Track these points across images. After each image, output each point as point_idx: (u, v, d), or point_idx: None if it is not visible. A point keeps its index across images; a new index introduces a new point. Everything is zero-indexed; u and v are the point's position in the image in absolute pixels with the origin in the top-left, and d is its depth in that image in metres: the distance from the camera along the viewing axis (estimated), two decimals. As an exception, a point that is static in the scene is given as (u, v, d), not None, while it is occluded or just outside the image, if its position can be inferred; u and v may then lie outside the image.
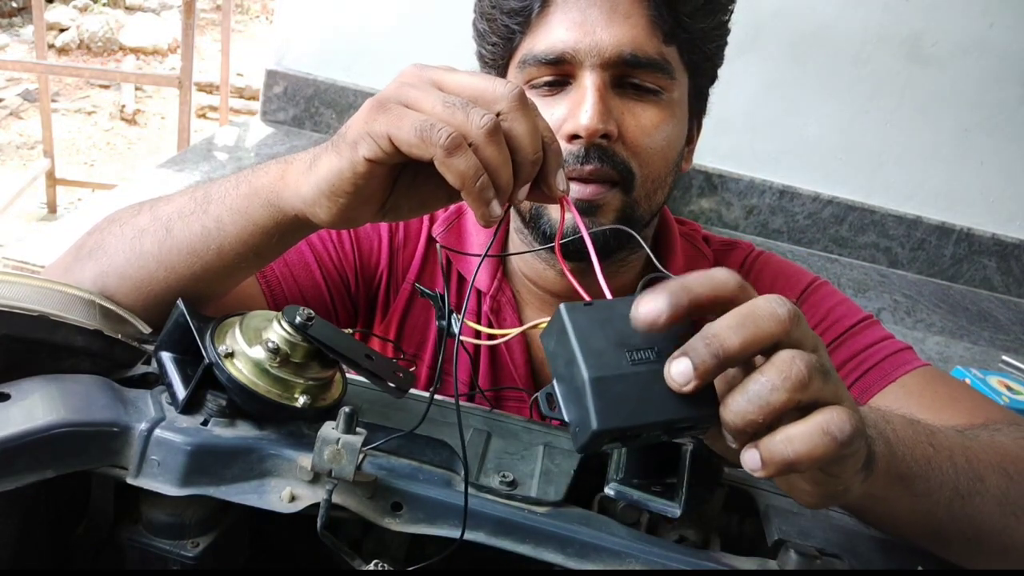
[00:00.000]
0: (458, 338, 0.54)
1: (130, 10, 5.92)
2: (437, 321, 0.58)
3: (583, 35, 0.76)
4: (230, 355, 0.55)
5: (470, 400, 0.87)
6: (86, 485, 0.57)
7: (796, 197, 2.50)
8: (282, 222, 0.63)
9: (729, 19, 0.83)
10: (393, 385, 0.58)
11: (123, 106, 4.79)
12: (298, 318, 0.55)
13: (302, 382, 0.56)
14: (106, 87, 5.00)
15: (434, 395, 0.55)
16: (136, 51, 5.51)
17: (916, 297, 2.38)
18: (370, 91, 2.41)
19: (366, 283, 0.92)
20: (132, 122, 4.75)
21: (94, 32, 5.40)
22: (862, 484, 0.50)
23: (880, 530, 0.60)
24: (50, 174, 3.44)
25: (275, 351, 0.55)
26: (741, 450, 0.44)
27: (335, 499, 0.50)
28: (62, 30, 5.38)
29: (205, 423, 0.55)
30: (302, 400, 0.56)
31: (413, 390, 0.62)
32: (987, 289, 2.52)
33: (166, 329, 0.60)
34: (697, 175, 2.49)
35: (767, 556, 0.54)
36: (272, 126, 2.57)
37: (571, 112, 0.77)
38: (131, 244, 0.68)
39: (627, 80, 0.78)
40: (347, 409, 0.51)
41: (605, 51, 0.75)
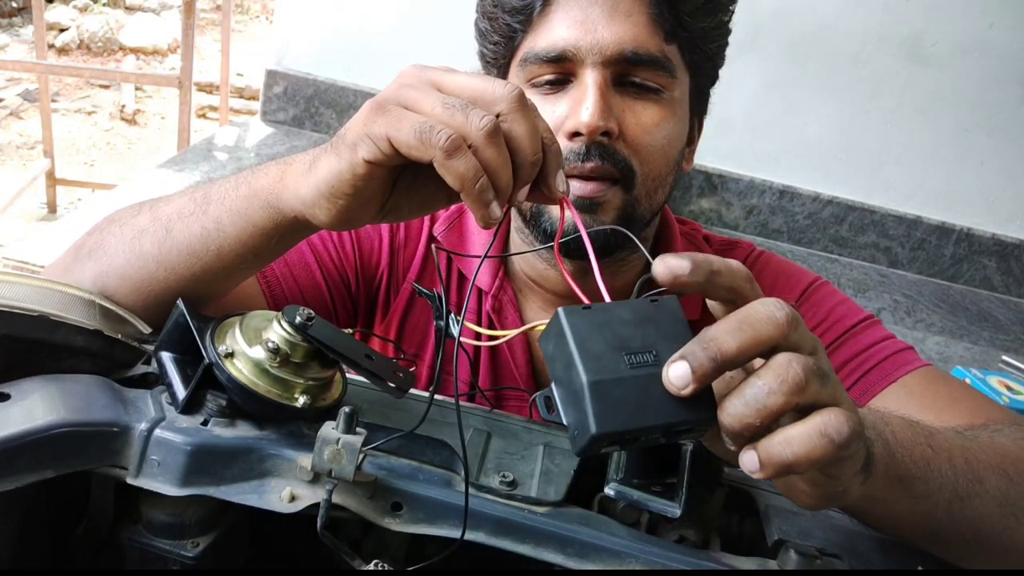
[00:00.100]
0: (458, 338, 0.54)
1: (130, 10, 5.92)
2: (435, 322, 0.58)
3: (584, 33, 0.76)
4: (230, 355, 0.55)
5: (471, 400, 0.87)
6: (86, 485, 0.57)
7: (796, 197, 2.50)
8: (281, 223, 0.63)
9: (730, 19, 0.84)
10: (393, 385, 0.58)
11: (123, 106, 4.78)
12: (298, 318, 0.55)
13: (302, 382, 0.56)
14: (106, 87, 5.00)
15: (434, 395, 0.55)
16: (136, 51, 5.51)
17: (916, 297, 2.38)
18: (370, 91, 2.42)
19: (366, 283, 0.92)
20: (132, 122, 4.75)
21: (94, 32, 5.40)
22: (861, 486, 0.50)
23: (879, 531, 0.60)
24: (50, 174, 3.44)
25: (275, 351, 0.55)
26: (739, 452, 0.44)
27: (335, 499, 0.50)
28: (62, 30, 5.38)
29: (205, 423, 0.55)
30: (302, 400, 0.56)
31: (413, 390, 0.62)
32: (987, 289, 2.52)
33: (166, 329, 0.60)
34: (697, 175, 2.49)
35: (767, 556, 0.54)
36: (272, 126, 2.57)
37: (572, 110, 0.77)
38: (131, 244, 0.68)
39: (628, 78, 0.78)
40: (347, 409, 0.51)
41: (606, 49, 0.76)
